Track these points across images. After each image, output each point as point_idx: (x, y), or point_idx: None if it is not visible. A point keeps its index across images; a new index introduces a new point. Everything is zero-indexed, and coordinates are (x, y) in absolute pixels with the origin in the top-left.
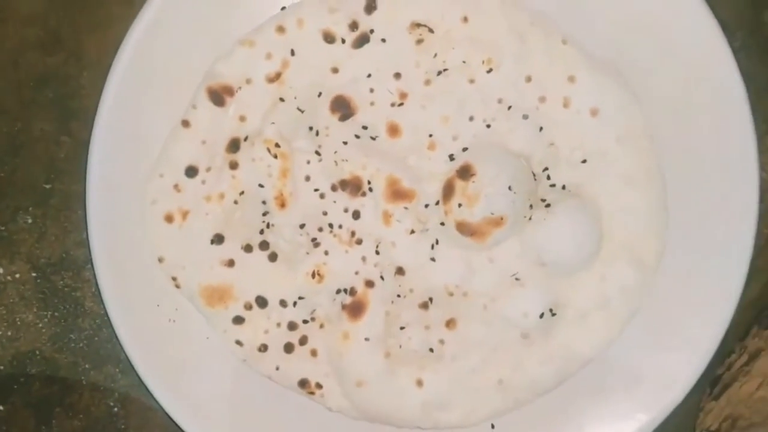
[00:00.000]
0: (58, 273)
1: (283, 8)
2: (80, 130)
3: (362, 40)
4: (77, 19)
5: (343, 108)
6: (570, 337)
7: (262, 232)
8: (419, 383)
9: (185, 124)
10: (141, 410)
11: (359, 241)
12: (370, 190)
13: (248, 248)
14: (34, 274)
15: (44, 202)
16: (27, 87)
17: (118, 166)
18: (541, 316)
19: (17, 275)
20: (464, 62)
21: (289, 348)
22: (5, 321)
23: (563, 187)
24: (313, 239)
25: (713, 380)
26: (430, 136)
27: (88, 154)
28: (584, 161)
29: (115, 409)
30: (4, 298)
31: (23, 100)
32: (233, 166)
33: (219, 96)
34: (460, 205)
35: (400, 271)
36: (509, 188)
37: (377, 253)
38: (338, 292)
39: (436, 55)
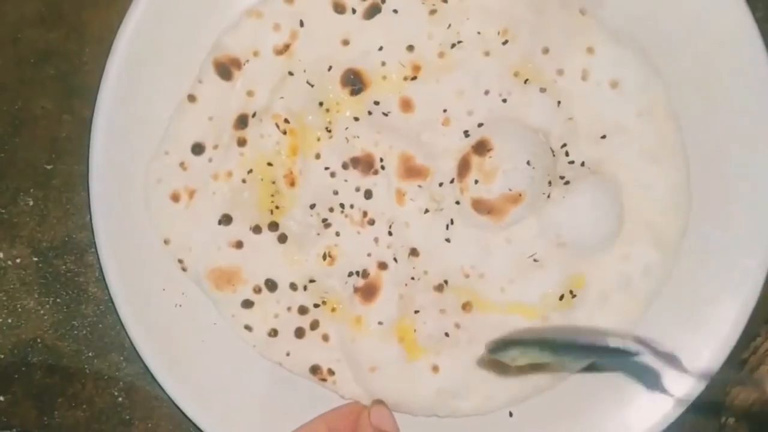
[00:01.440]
0: (60, 257)
1: None
2: (82, 108)
3: (373, 11)
4: None
5: (354, 82)
6: (591, 319)
7: (271, 212)
8: (435, 369)
9: (191, 99)
10: (146, 400)
11: (371, 222)
12: (383, 167)
13: (257, 229)
14: (35, 259)
15: (46, 183)
16: (27, 64)
17: (121, 145)
18: (561, 298)
19: (18, 260)
20: (479, 33)
21: (299, 333)
22: (5, 307)
23: (582, 164)
24: (324, 220)
25: (739, 364)
26: (445, 111)
27: (90, 133)
28: (604, 137)
29: (120, 398)
30: (5, 283)
31: (23, 77)
32: (241, 143)
33: (226, 69)
34: (476, 181)
35: (414, 252)
36: (528, 163)
37: (390, 233)
38: (350, 274)
39: (449, 26)
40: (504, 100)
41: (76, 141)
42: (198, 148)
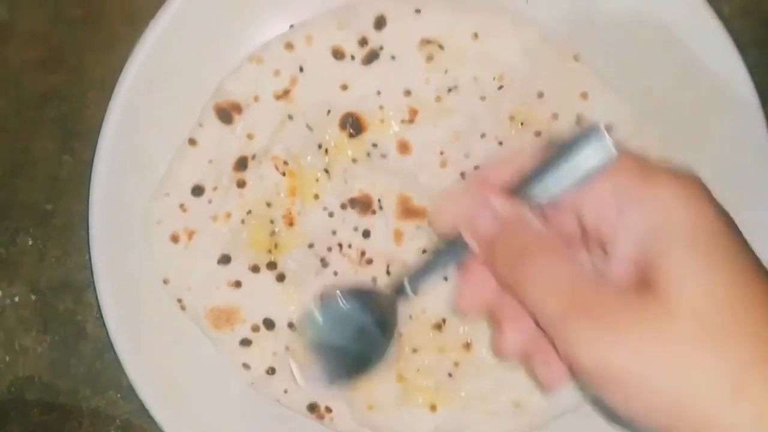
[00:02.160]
0: (59, 296)
1: (292, 26)
2: (83, 150)
3: (372, 57)
4: (80, 38)
5: (352, 125)
6: None
7: (269, 251)
8: (432, 407)
9: (192, 142)
10: None
11: (369, 261)
12: (381, 208)
13: (255, 269)
14: (34, 297)
15: (45, 222)
16: (29, 106)
17: (121, 186)
18: None
19: (16, 298)
20: (475, 79)
21: None
22: (3, 346)
23: None
24: (322, 259)
25: None
26: (441, 153)
27: (90, 174)
28: None
29: None
30: (3, 321)
31: (24, 119)
32: (241, 184)
33: (227, 113)
34: None
35: None
36: None
37: (388, 273)
38: None
39: (446, 71)
40: (500, 143)
41: (76, 182)
42: (198, 190)
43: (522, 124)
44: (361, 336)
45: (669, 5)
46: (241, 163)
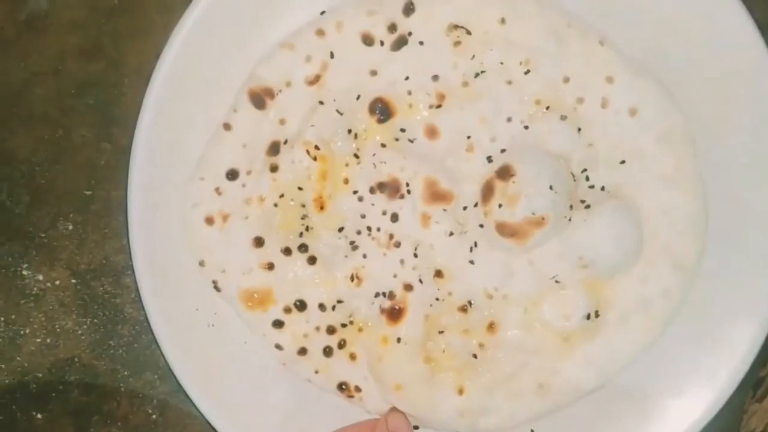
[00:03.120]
0: (98, 279)
1: (323, 12)
2: (121, 137)
3: (400, 43)
4: (117, 27)
5: (381, 110)
6: (611, 339)
7: (301, 235)
8: (459, 387)
9: (227, 127)
10: (179, 417)
11: (398, 244)
12: (408, 192)
13: (287, 251)
14: (73, 281)
15: (85, 208)
16: (68, 94)
17: (158, 171)
18: (588, 317)
19: (57, 282)
20: (502, 63)
21: (328, 351)
22: (44, 328)
23: (602, 189)
24: (352, 242)
25: (756, 382)
26: (468, 137)
27: (128, 160)
28: (623, 162)
29: (154, 416)
30: (44, 304)
31: (64, 107)
32: (273, 169)
33: (260, 99)
34: (500, 205)
35: (438, 274)
36: (550, 188)
37: (416, 256)
38: (377, 295)
39: (473, 56)
40: (526, 127)
41: (114, 168)
42: (232, 174)
43: (548, 108)
44: None
45: None
46: (274, 148)
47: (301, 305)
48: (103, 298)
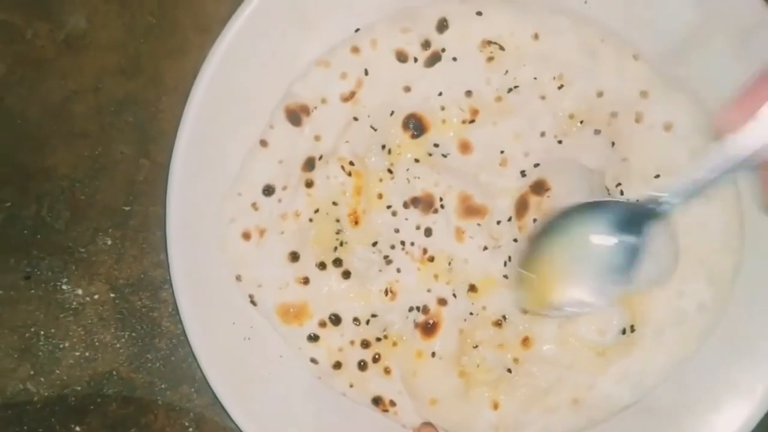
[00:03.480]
0: (136, 293)
1: (357, 30)
2: (158, 153)
3: (434, 59)
4: (155, 46)
5: (415, 126)
6: (646, 354)
7: (335, 249)
8: (493, 402)
9: (263, 143)
10: (216, 430)
11: (431, 259)
12: (442, 206)
13: (322, 266)
14: (112, 295)
15: (123, 223)
16: (107, 111)
17: (196, 187)
18: (623, 332)
19: (96, 296)
20: (535, 79)
21: (362, 366)
22: (83, 342)
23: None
24: (386, 257)
25: None
26: (502, 152)
27: (166, 176)
28: (657, 176)
29: (191, 429)
30: (83, 318)
31: (104, 124)
32: (309, 184)
33: (296, 115)
34: (534, 220)
35: (472, 288)
36: None
37: (450, 270)
38: (411, 309)
39: (507, 72)
40: (559, 142)
41: (152, 184)
42: (269, 190)
43: (582, 122)
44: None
45: (731, 3)
46: (309, 164)
47: (336, 319)
48: (141, 312)
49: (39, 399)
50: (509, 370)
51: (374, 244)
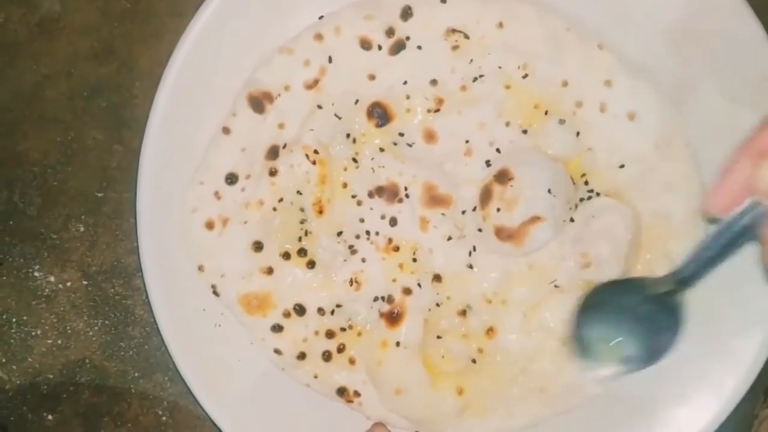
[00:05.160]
0: (109, 281)
1: (321, 17)
2: (132, 139)
3: (398, 47)
4: (130, 31)
5: (379, 115)
6: None
7: (300, 239)
8: (459, 392)
9: (226, 131)
10: (189, 419)
11: (396, 248)
12: (407, 196)
13: (286, 256)
14: (85, 282)
15: (96, 210)
16: (80, 97)
17: (167, 174)
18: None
19: (68, 283)
20: (500, 68)
21: (327, 356)
22: (56, 329)
23: (600, 193)
24: (351, 246)
25: (767, 388)
26: (467, 142)
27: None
28: (622, 166)
29: (164, 418)
30: (55, 306)
31: (76, 109)
32: (272, 173)
33: (259, 103)
34: (498, 209)
35: (437, 278)
36: (548, 191)
37: (414, 260)
38: (376, 299)
39: (471, 60)
40: (524, 131)
41: (125, 170)
42: (231, 178)
43: (546, 112)
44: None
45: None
46: (273, 152)
47: (300, 310)
48: (114, 299)
49: (11, 387)
50: (474, 360)
51: (339, 233)
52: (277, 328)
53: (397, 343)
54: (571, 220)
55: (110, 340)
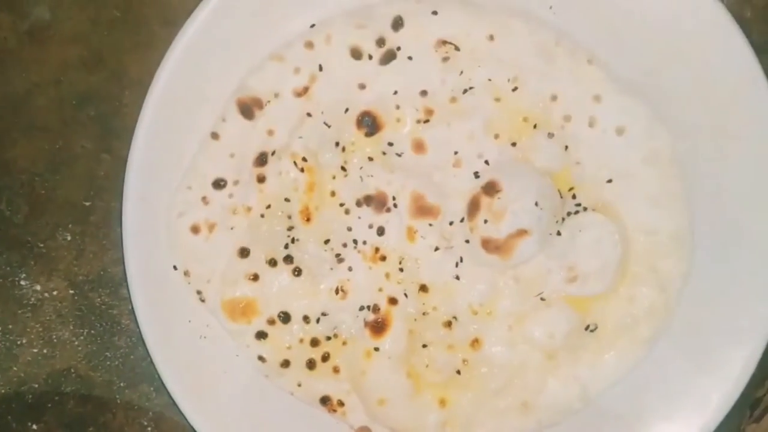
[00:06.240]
0: (95, 290)
1: (313, 25)
2: (121, 148)
3: (389, 57)
4: (120, 39)
5: (369, 124)
6: (595, 358)
7: (287, 246)
8: (442, 403)
9: (214, 136)
10: (174, 429)
11: (383, 258)
12: (395, 206)
13: (273, 262)
14: (71, 291)
15: (84, 219)
16: (69, 105)
17: (154, 183)
18: (572, 335)
19: (55, 292)
20: (490, 80)
21: (311, 364)
22: (41, 338)
23: (588, 207)
24: (337, 255)
25: (754, 402)
26: (456, 153)
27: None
28: (610, 181)
29: (149, 428)
30: (41, 315)
31: (65, 118)
32: (260, 179)
33: (248, 108)
34: (486, 221)
35: (423, 288)
36: (536, 204)
37: (401, 270)
38: (361, 308)
39: (462, 72)
40: (513, 144)
41: (113, 179)
42: (219, 184)
43: (535, 125)
44: None
45: (688, 9)
46: (262, 159)
47: (285, 317)
48: (101, 309)
49: None
50: (458, 372)
51: (326, 241)
52: (262, 335)
53: (382, 353)
54: (558, 233)
55: (96, 349)
